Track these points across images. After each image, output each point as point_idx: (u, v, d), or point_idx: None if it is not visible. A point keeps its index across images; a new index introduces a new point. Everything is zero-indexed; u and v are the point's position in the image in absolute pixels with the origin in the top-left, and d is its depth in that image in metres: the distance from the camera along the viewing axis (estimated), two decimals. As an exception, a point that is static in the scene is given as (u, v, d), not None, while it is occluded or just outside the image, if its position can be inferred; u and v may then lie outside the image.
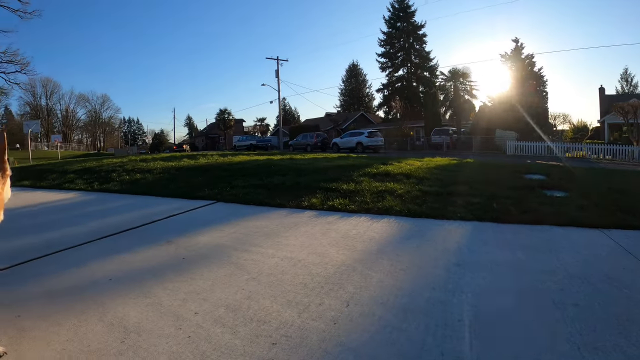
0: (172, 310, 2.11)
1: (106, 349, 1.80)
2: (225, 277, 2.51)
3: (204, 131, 74.15)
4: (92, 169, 10.00)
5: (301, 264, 2.61)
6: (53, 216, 5.33)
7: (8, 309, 2.26)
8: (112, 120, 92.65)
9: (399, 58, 55.47)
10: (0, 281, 2.77)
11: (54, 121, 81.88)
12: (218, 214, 4.60)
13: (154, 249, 3.31)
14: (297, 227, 3.53)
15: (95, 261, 3.08)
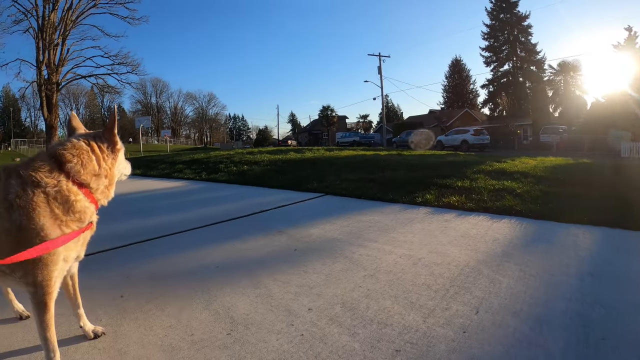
0: (284, 304, 2.20)
1: (210, 340, 1.85)
2: (340, 272, 2.63)
3: (307, 127, 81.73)
4: (200, 160, 11.53)
5: (422, 262, 2.72)
6: (162, 202, 6.18)
7: (112, 289, 2.53)
8: (218, 116, 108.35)
9: (503, 52, 57.40)
10: (108, 261, 3.18)
11: (164, 117, 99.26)
12: (329, 207, 4.91)
13: (264, 238, 3.54)
14: (412, 224, 3.76)
15: (203, 247, 3.39)
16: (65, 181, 1.54)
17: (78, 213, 1.56)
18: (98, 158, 1.66)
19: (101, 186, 1.67)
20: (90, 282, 2.65)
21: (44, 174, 1.50)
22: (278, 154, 11.48)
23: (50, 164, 1.54)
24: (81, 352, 1.83)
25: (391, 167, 7.10)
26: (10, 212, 1.43)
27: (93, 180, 1.62)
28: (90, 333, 1.94)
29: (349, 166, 7.66)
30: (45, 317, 1.53)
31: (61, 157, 1.56)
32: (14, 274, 1.51)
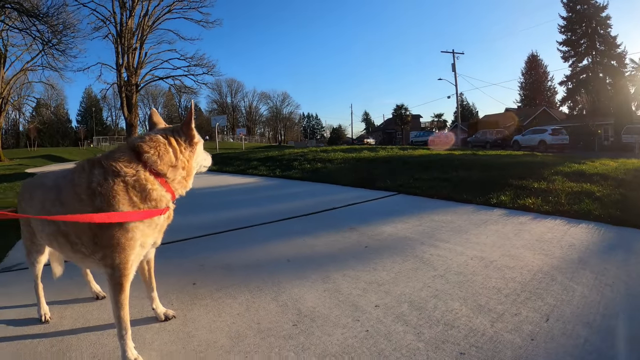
0: (351, 300, 2.22)
1: (276, 330, 1.90)
2: (410, 271, 2.64)
3: (381, 126, 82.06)
4: (275, 158, 11.95)
5: (493, 265, 2.68)
6: (236, 197, 6.51)
7: (185, 277, 2.70)
8: (292, 115, 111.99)
9: (582, 45, 52.95)
10: (183, 250, 3.39)
11: (239, 116, 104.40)
12: (401, 206, 4.92)
13: (335, 235, 3.60)
14: (486, 225, 3.72)
15: (275, 241, 3.53)
16: (143, 171, 1.65)
17: (154, 201, 1.67)
18: (175, 150, 1.75)
19: (178, 177, 1.76)
20: (165, 269, 2.83)
21: (123, 164, 1.63)
22: (352, 152, 11.62)
23: (130, 155, 1.67)
24: (151, 332, 1.97)
25: (465, 166, 6.97)
26: (93, 198, 1.59)
27: (170, 171, 1.72)
28: (161, 315, 2.08)
29: (423, 165, 7.62)
30: (120, 297, 1.66)
31: (139, 149, 1.68)
32: (93, 255, 1.67)
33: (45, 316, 2.18)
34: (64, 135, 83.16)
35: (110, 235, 1.59)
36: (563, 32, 54.78)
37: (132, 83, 34.68)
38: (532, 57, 69.44)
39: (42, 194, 1.83)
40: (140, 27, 34.61)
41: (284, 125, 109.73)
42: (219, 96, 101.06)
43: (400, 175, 6.80)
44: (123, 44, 33.52)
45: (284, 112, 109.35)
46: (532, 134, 29.14)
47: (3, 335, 2.03)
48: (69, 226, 1.68)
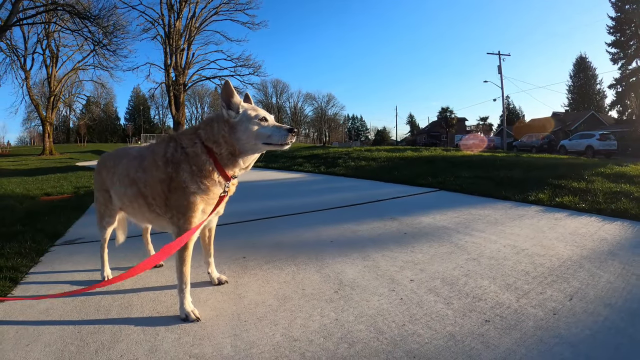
0: (389, 275, 2.43)
1: (319, 295, 2.14)
2: (445, 254, 2.84)
3: (426, 129, 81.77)
4: (319, 156, 12.31)
5: (524, 253, 2.83)
6: (285, 189, 6.91)
7: (237, 251, 3.01)
8: (336, 116, 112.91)
9: (631, 47, 51.37)
10: (236, 231, 3.73)
11: (284, 117, 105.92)
12: (441, 200, 5.10)
13: (377, 222, 3.83)
14: (522, 219, 3.87)
15: (320, 226, 3.83)
16: (200, 145, 1.92)
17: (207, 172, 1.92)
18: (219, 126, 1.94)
19: (224, 152, 1.94)
20: (219, 247, 3.09)
21: (187, 138, 1.96)
22: (395, 151, 11.87)
23: (193, 131, 2.00)
24: (206, 293, 2.26)
25: (507, 166, 7.07)
26: (166, 166, 1.92)
27: (215, 147, 1.93)
28: (215, 279, 2.37)
29: (465, 164, 7.75)
30: (184, 253, 1.94)
31: (197, 126, 2.02)
32: (165, 215, 1.99)
33: (108, 277, 2.51)
34: (113, 132, 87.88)
35: (177, 198, 1.89)
36: (612, 33, 53.65)
37: (180, 83, 36.34)
38: (580, 59, 68.37)
39: (127, 162, 2.17)
40: (188, 28, 36.32)
41: (328, 126, 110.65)
42: (264, 96, 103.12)
43: (442, 173, 6.97)
44: (171, 45, 35.28)
45: (328, 113, 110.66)
46: (580, 139, 29.05)
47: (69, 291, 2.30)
48: (147, 188, 2.00)
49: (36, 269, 2.86)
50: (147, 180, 1.99)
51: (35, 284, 2.55)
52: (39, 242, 3.50)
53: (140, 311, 2.05)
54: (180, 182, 1.88)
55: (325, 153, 12.83)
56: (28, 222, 4.31)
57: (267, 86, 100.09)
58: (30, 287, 2.50)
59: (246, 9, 36.98)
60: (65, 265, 2.91)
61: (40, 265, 2.94)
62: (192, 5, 36.14)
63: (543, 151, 30.58)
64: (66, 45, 39.87)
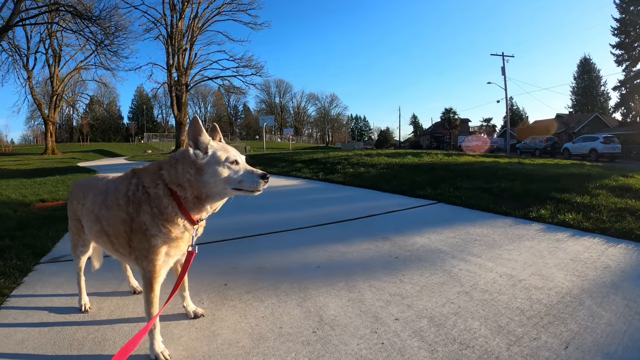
0: (373, 311, 2.32)
1: (296, 335, 2.05)
2: (436, 285, 2.72)
3: (429, 130, 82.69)
4: (319, 160, 12.21)
5: (521, 285, 2.70)
6: (277, 199, 6.72)
7: (218, 277, 2.92)
8: (339, 117, 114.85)
9: (635, 49, 52.80)
10: (219, 251, 3.64)
11: (287, 117, 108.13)
12: (439, 216, 4.97)
13: (368, 243, 3.71)
14: (521, 241, 3.74)
15: (309, 246, 3.70)
16: (163, 186, 1.80)
17: (168, 215, 1.79)
18: (185, 167, 1.79)
19: (189, 195, 1.79)
20: (200, 269, 3.06)
21: (150, 177, 1.84)
22: (396, 157, 11.72)
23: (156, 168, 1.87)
24: (180, 328, 2.18)
25: (509, 176, 6.97)
26: (128, 206, 1.82)
27: (179, 190, 1.79)
28: (191, 313, 2.30)
29: (466, 173, 7.64)
30: (149, 295, 1.87)
31: (161, 164, 1.88)
32: (129, 256, 1.92)
33: (85, 306, 2.46)
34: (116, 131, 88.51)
35: (139, 240, 1.81)
36: (616, 35, 54.18)
37: (182, 83, 36.62)
38: (584, 60, 69.03)
39: (93, 196, 2.09)
40: (190, 28, 36.64)
41: (331, 126, 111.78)
42: (267, 96, 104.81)
43: (442, 183, 6.86)
44: (173, 45, 35.55)
45: (332, 114, 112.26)
46: (583, 142, 29.16)
47: (46, 321, 2.31)
48: (110, 227, 1.92)
49: (18, 291, 2.82)
50: (110, 219, 1.91)
51: (14, 310, 2.52)
52: (24, 259, 3.46)
53: (112, 347, 1.99)
54: (141, 224, 1.78)
55: (325, 158, 12.73)
56: (18, 236, 4.26)
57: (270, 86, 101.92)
58: (10, 314, 2.46)
59: (249, 9, 37.34)
60: (47, 288, 2.87)
61: (23, 287, 2.90)
62: (194, 5, 36.53)
63: (546, 154, 31.11)
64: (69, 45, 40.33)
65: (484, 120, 72.74)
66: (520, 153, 33.39)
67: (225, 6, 37.53)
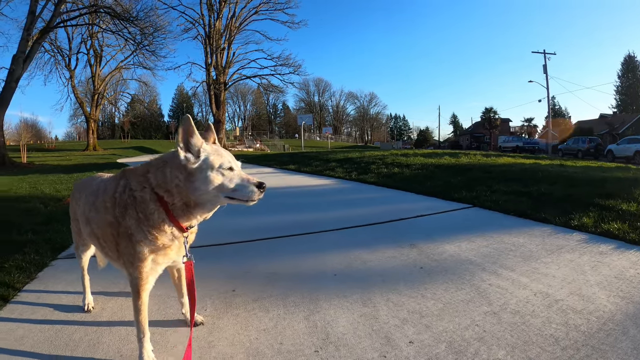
0: (385, 330, 2.11)
1: (296, 354, 1.88)
2: (461, 303, 2.48)
3: (469, 130, 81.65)
4: (353, 160, 12.04)
5: (557, 306, 2.42)
6: (305, 199, 6.64)
7: (227, 282, 2.80)
8: (378, 116, 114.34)
9: None
10: (235, 253, 3.56)
11: (326, 115, 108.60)
12: (472, 221, 4.70)
13: (393, 250, 3.50)
14: (560, 253, 3.44)
15: (328, 251, 3.53)
16: (149, 190, 1.68)
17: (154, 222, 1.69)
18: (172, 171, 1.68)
19: (177, 202, 1.69)
20: (211, 272, 3.00)
21: (137, 180, 1.71)
22: (432, 157, 11.40)
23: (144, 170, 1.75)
24: (177, 336, 2.08)
25: (549, 179, 6.60)
26: (114, 208, 1.72)
27: (166, 195, 1.68)
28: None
29: (504, 175, 7.29)
30: (137, 302, 1.77)
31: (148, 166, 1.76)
32: (118, 260, 1.83)
33: (88, 306, 2.44)
34: (157, 129, 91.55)
35: (125, 245, 1.71)
36: None
37: (221, 82, 37.51)
38: (628, 58, 66.47)
39: (85, 197, 2.04)
40: (228, 28, 37.52)
41: (370, 125, 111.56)
42: (306, 95, 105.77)
43: (478, 185, 6.55)
44: (211, 45, 36.50)
45: (370, 113, 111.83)
46: (628, 144, 28.08)
47: (49, 319, 2.34)
48: (99, 230, 1.84)
49: (30, 286, 2.88)
50: (98, 221, 1.83)
51: (23, 305, 2.56)
52: (42, 254, 3.53)
53: (105, 351, 1.95)
54: (127, 228, 1.68)
55: (360, 157, 12.56)
56: (41, 230, 4.37)
57: (309, 85, 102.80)
58: (17, 308, 2.51)
59: (285, 8, 37.82)
60: (58, 284, 2.90)
61: (36, 282, 2.96)
62: (231, 5, 37.43)
63: (589, 155, 30.27)
64: (109, 45, 42.20)
65: (525, 120, 71.35)
66: (562, 155, 32.69)
67: (263, 5, 38.21)
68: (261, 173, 11.69)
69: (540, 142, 45.91)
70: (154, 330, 2.05)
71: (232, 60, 39.04)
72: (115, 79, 48.70)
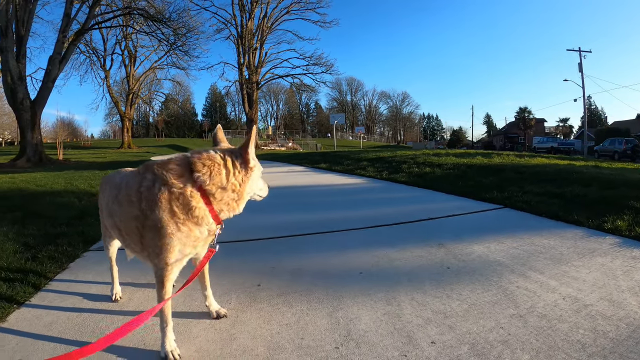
0: (408, 330, 2.08)
1: (316, 349, 1.88)
2: (487, 304, 2.43)
3: (503, 130, 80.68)
4: (385, 159, 12.00)
5: (586, 311, 2.34)
6: (335, 198, 6.67)
7: (253, 277, 2.83)
8: (411, 115, 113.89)
9: None
10: (262, 248, 3.59)
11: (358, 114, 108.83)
12: (502, 222, 4.62)
13: (420, 250, 3.46)
14: (592, 256, 3.33)
15: (355, 250, 3.52)
16: (191, 186, 1.75)
17: (195, 218, 1.76)
18: (228, 172, 1.82)
19: (226, 199, 1.82)
20: (238, 267, 3.04)
21: (173, 176, 1.75)
22: (464, 157, 11.21)
23: (183, 168, 1.79)
24: (200, 327, 2.13)
25: (583, 181, 6.41)
26: (140, 201, 1.76)
27: (218, 192, 1.79)
28: (213, 313, 2.23)
29: (537, 176, 7.14)
30: (161, 292, 1.83)
31: (193, 165, 1.79)
32: (141, 253, 1.89)
33: (116, 295, 2.54)
34: (190, 128, 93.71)
35: (152, 237, 1.75)
36: None
37: (253, 81, 38.17)
38: None
39: (109, 190, 2.10)
40: (260, 28, 38.21)
41: (403, 125, 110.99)
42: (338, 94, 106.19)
43: (510, 186, 6.43)
44: (244, 45, 37.24)
45: (403, 112, 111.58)
46: None
47: (77, 307, 2.45)
48: (122, 223, 1.89)
49: (61, 276, 3.00)
50: (121, 214, 1.88)
51: (53, 293, 2.68)
52: (74, 246, 3.67)
53: (129, 340, 2.00)
54: (156, 222, 1.72)
55: (392, 156, 12.45)
56: (75, 224, 4.54)
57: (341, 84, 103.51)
58: (47, 296, 2.63)
59: (317, 7, 38.35)
60: (88, 274, 3.02)
61: (66, 272, 3.08)
62: (263, 5, 38.07)
63: (626, 157, 29.72)
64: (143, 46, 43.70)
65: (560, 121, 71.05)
66: (598, 156, 31.95)
67: (294, 5, 38.83)
68: (292, 172, 11.82)
69: (576, 143, 45.00)
70: (177, 321, 2.10)
71: (265, 59, 39.70)
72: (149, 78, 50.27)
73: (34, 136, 20.24)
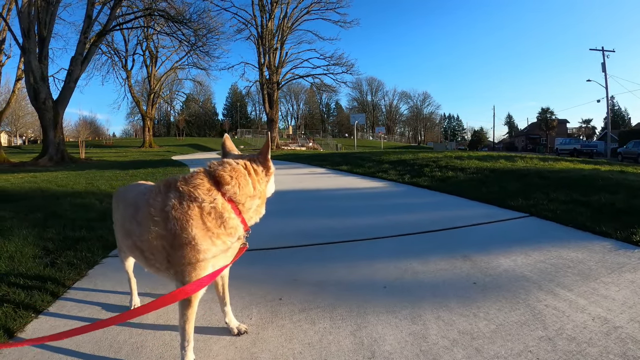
0: (434, 353, 2.00)
1: None
2: (515, 325, 2.34)
3: (524, 131, 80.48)
4: (407, 161, 11.89)
5: (616, 334, 2.23)
6: (356, 202, 6.58)
7: (274, 290, 2.78)
8: (432, 116, 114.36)
9: None
10: (284, 258, 3.54)
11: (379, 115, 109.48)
12: (529, 232, 4.46)
13: (445, 262, 3.37)
14: (621, 272, 3.19)
15: (379, 260, 3.44)
16: (221, 199, 1.76)
17: (231, 229, 1.77)
18: (254, 181, 1.87)
19: (254, 206, 1.88)
20: (259, 277, 3.01)
21: (202, 191, 1.74)
22: (487, 160, 11.01)
23: (209, 183, 1.78)
24: (220, 345, 2.09)
25: (609, 188, 6.21)
26: (167, 221, 1.72)
27: (247, 201, 1.84)
28: (234, 329, 2.19)
29: (562, 182, 6.97)
30: (187, 311, 1.79)
31: (220, 178, 1.78)
32: (167, 271, 1.82)
33: (135, 305, 2.52)
34: (211, 127, 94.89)
35: (182, 256, 1.70)
36: None
37: (273, 81, 38.46)
38: None
39: (123, 208, 2.08)
40: (280, 28, 38.54)
41: (423, 125, 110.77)
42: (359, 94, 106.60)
43: (535, 192, 6.28)
44: (264, 45, 37.60)
45: (424, 112, 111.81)
46: None
47: (96, 317, 2.44)
48: (144, 243, 1.83)
49: (80, 284, 3.01)
50: (142, 234, 1.83)
51: (71, 302, 2.68)
52: (93, 252, 3.68)
53: (147, 355, 1.99)
54: (189, 240, 1.69)
55: (413, 159, 12.33)
56: (95, 227, 4.56)
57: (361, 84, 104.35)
58: (65, 305, 2.63)
59: (337, 7, 38.69)
60: (107, 282, 3.01)
61: (85, 280, 3.08)
62: (283, 5, 38.48)
63: None
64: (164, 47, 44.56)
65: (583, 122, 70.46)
66: (622, 158, 31.85)
67: (314, 5, 39.21)
68: (314, 173, 11.79)
69: (599, 144, 44.30)
70: (197, 337, 2.07)
71: (285, 59, 39.97)
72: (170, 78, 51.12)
73: (56, 135, 20.72)
